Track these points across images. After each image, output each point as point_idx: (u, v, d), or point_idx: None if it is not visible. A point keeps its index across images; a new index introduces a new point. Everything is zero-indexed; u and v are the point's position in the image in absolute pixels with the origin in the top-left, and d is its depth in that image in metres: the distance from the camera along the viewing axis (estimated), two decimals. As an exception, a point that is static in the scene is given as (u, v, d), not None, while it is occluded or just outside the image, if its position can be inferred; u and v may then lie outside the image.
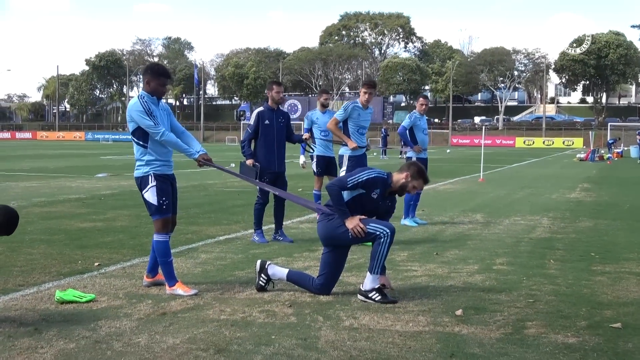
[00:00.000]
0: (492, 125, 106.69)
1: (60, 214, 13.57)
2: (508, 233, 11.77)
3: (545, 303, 6.87)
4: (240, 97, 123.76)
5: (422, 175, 7.21)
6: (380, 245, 6.87)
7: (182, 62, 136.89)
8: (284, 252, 9.71)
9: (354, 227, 6.89)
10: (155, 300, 6.89)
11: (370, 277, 6.93)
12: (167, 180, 7.18)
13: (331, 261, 7.15)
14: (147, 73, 7.15)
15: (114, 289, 7.35)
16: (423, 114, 12.84)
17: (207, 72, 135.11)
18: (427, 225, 12.75)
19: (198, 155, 7.22)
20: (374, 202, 7.07)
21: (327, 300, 6.92)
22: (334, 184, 6.98)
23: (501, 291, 7.37)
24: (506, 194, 19.62)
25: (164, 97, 7.35)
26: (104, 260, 8.86)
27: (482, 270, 8.54)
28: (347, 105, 11.07)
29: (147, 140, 7.05)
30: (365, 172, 7.02)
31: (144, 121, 6.96)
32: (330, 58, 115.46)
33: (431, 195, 18.90)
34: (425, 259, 9.30)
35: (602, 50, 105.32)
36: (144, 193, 7.14)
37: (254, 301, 6.86)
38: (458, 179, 25.92)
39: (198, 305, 6.69)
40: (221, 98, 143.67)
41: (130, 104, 7.09)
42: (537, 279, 7.99)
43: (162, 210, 7.14)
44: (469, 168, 32.17)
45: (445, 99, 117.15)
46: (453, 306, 6.67)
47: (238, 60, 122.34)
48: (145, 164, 7.10)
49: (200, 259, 9.13)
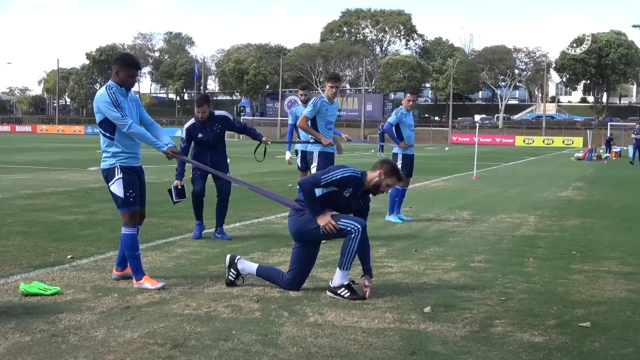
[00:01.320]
0: (492, 124, 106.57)
1: (43, 207, 13.48)
2: (492, 230, 11.67)
3: (517, 301, 6.78)
4: (240, 92, 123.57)
5: (396, 172, 7.09)
6: (351, 241, 6.77)
7: (183, 57, 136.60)
8: (261, 247, 9.62)
9: (325, 224, 6.79)
10: (122, 293, 6.79)
11: (340, 273, 6.83)
12: (134, 173, 7.08)
13: (301, 256, 7.06)
14: (116, 63, 7.03)
15: (81, 282, 7.25)
16: (410, 110, 12.73)
17: (207, 68, 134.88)
18: (411, 221, 12.65)
19: (167, 148, 7.12)
20: (345, 200, 6.97)
21: (295, 296, 6.83)
22: (308, 181, 6.87)
23: (474, 289, 7.27)
24: (497, 191, 19.51)
25: (133, 87, 7.25)
26: (78, 253, 8.77)
27: (459, 267, 8.44)
28: (315, 100, 10.78)
29: (114, 132, 6.95)
30: (339, 171, 6.91)
31: (111, 113, 6.85)
32: (331, 54, 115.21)
33: (421, 192, 18.81)
34: (403, 255, 9.20)
35: (603, 49, 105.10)
36: (110, 185, 7.05)
37: (221, 296, 6.77)
38: (451, 176, 25.82)
39: (164, 299, 6.60)
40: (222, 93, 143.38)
41: (97, 94, 6.98)
42: (512, 277, 7.89)
43: (128, 203, 7.04)
44: (464, 166, 32.04)
45: (445, 97, 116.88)
46: (422, 303, 6.57)
47: (239, 55, 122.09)
48: (111, 155, 7.00)
49: (175, 253, 9.05)
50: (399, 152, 12.72)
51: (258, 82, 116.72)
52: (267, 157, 11.06)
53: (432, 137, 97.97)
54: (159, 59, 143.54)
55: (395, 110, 12.74)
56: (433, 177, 24.56)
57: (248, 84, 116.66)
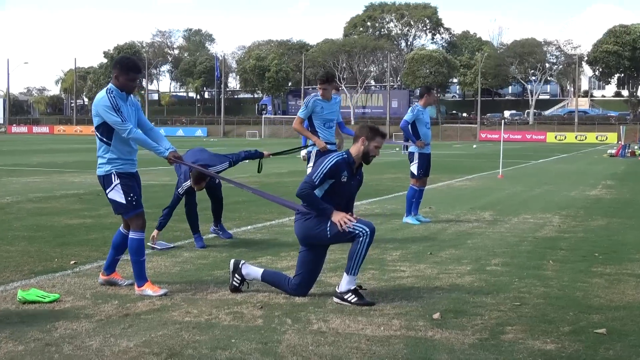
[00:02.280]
0: (523, 120, 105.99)
1: (51, 210, 13.56)
2: (513, 232, 11.58)
3: (532, 306, 6.71)
4: (262, 90, 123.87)
5: (376, 131, 7.15)
6: (359, 244, 6.73)
7: (203, 55, 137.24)
8: (271, 251, 9.62)
9: (341, 218, 6.76)
10: (122, 300, 6.80)
11: (347, 278, 6.80)
12: (132, 178, 7.11)
13: (308, 260, 7.03)
14: (115, 67, 7.05)
15: (82, 288, 7.28)
16: (426, 107, 12.66)
17: (228, 65, 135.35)
18: (429, 223, 12.58)
19: (168, 152, 7.12)
20: (346, 185, 7.00)
21: (301, 302, 6.80)
22: (303, 188, 6.84)
23: (487, 293, 7.20)
24: (522, 190, 19.38)
25: (134, 92, 7.26)
26: (82, 258, 8.81)
27: (474, 271, 8.38)
28: (307, 100, 10.81)
29: (111, 137, 6.97)
30: (326, 161, 6.92)
31: (111, 117, 6.86)
32: (354, 50, 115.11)
33: (443, 192, 18.73)
34: (417, 258, 9.15)
35: (638, 41, 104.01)
36: (109, 193, 7.07)
37: (224, 302, 6.75)
38: (476, 175, 25.69)
39: (165, 306, 6.60)
40: (243, 91, 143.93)
41: (97, 98, 7.00)
42: (529, 281, 7.82)
43: (133, 206, 7.09)
44: (491, 164, 31.89)
45: (473, 93, 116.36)
46: (432, 309, 6.52)
47: (260, 52, 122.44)
48: (107, 161, 7.03)
49: (181, 257, 9.07)
50: (415, 150, 12.65)
51: (280, 80, 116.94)
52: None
53: (460, 135, 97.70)
54: (179, 56, 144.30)
55: (412, 107, 12.68)
56: (457, 176, 24.45)
57: (269, 82, 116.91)
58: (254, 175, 23.13)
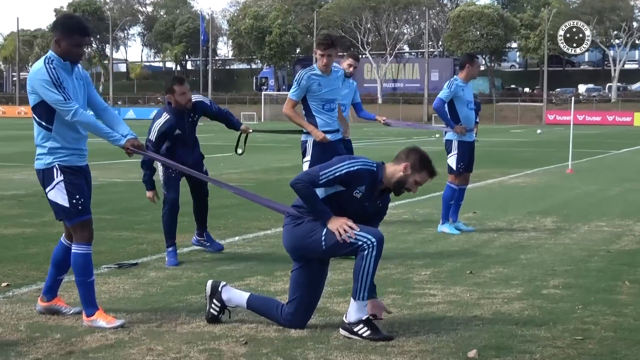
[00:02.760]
0: (603, 97, 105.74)
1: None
2: (580, 244, 11.62)
3: (597, 341, 6.76)
4: (261, 59, 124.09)
5: (427, 164, 7.07)
6: (364, 259, 6.78)
7: (185, 13, 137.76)
8: (263, 269, 9.70)
9: (340, 226, 6.80)
10: (66, 334, 6.88)
11: (355, 305, 6.86)
12: (80, 173, 7.17)
13: (304, 281, 7.10)
14: (56, 29, 7.13)
15: (15, 318, 7.38)
16: (468, 82, 12.70)
17: (217, 27, 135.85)
18: (473, 232, 12.63)
19: (125, 141, 7.17)
20: (357, 203, 6.99)
21: (297, 336, 6.87)
22: (301, 179, 6.90)
23: (541, 325, 7.26)
24: (597, 190, 19.43)
25: (81, 61, 7.32)
26: (17, 279, 8.93)
27: (526, 295, 8.43)
28: (299, 75, 10.63)
29: (51, 120, 7.04)
30: (345, 163, 6.93)
31: (50, 94, 6.92)
32: (382, 6, 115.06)
33: (493, 191, 18.79)
34: (452, 279, 9.21)
35: None
36: (48, 192, 7.15)
37: (197, 336, 6.83)
38: (539, 169, 25.74)
39: (121, 341, 6.68)
40: (237, 61, 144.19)
41: (32, 69, 7.08)
42: (596, 308, 7.86)
43: (78, 211, 7.14)
44: (559, 154, 31.90)
45: (538, 61, 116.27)
46: (468, 345, 6.58)
47: (258, 10, 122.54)
48: (47, 152, 7.10)
49: (146, 278, 9.16)
50: (453, 137, 12.69)
51: (284, 45, 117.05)
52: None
53: (521, 116, 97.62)
54: (153, 15, 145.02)
55: (449, 82, 12.69)
56: (513, 171, 24.49)
57: (271, 48, 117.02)
58: (250, 169, 23.29)
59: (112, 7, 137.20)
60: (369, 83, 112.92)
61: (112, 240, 11.47)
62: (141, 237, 11.71)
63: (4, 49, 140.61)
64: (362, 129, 58.74)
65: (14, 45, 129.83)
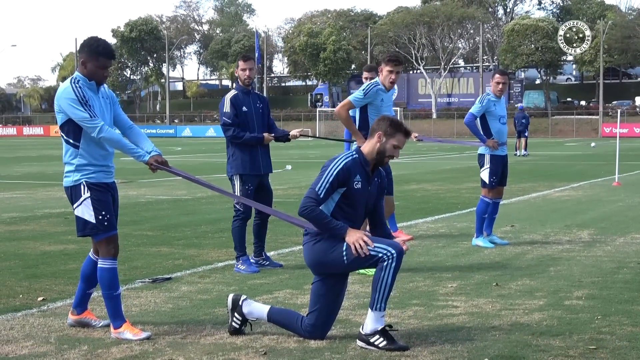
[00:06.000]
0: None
1: (28, 234, 14.04)
2: (612, 256, 11.65)
3: (610, 351, 6.85)
4: (316, 76, 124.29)
5: (398, 126, 7.34)
6: (383, 271, 6.95)
7: (240, 31, 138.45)
8: (292, 283, 9.88)
9: (356, 240, 6.97)
10: (93, 345, 7.12)
11: (372, 315, 7.02)
12: (106, 190, 7.42)
13: (323, 293, 7.26)
14: (82, 51, 7.41)
15: (47, 330, 7.63)
16: (500, 97, 12.81)
17: (272, 44, 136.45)
18: (507, 245, 12.70)
19: (149, 157, 7.42)
20: (362, 192, 7.23)
21: (316, 347, 7.05)
22: (306, 205, 7.06)
23: (557, 335, 7.37)
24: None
25: (106, 81, 7.59)
26: (53, 294, 9.19)
27: (547, 306, 8.53)
28: (368, 86, 11.05)
29: (79, 138, 7.31)
30: (331, 167, 7.16)
31: (77, 113, 7.21)
32: (436, 21, 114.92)
33: (534, 205, 18.78)
34: (478, 291, 9.33)
35: None
36: (76, 208, 7.40)
37: (219, 347, 7.03)
38: (585, 182, 25.63)
39: (145, 352, 6.90)
40: (292, 78, 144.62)
41: (60, 89, 7.36)
42: (615, 318, 7.95)
43: (104, 227, 7.40)
44: (609, 168, 31.63)
45: (595, 74, 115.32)
46: (481, 355, 6.72)
47: (313, 26, 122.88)
48: (75, 169, 7.36)
49: (178, 292, 9.37)
50: (486, 152, 12.79)
51: (339, 62, 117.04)
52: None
53: (577, 129, 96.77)
54: (209, 34, 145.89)
55: (480, 98, 12.83)
56: (559, 184, 24.41)
57: (325, 64, 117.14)
58: (296, 185, 23.50)
59: (168, 27, 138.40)
60: (423, 98, 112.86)
61: (150, 255, 11.73)
62: (179, 252, 11.95)
63: (62, 69, 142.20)
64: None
65: (73, 65, 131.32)
